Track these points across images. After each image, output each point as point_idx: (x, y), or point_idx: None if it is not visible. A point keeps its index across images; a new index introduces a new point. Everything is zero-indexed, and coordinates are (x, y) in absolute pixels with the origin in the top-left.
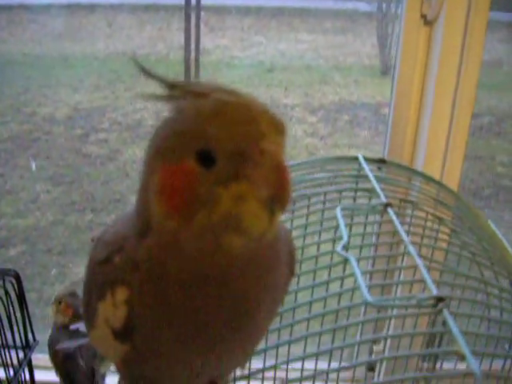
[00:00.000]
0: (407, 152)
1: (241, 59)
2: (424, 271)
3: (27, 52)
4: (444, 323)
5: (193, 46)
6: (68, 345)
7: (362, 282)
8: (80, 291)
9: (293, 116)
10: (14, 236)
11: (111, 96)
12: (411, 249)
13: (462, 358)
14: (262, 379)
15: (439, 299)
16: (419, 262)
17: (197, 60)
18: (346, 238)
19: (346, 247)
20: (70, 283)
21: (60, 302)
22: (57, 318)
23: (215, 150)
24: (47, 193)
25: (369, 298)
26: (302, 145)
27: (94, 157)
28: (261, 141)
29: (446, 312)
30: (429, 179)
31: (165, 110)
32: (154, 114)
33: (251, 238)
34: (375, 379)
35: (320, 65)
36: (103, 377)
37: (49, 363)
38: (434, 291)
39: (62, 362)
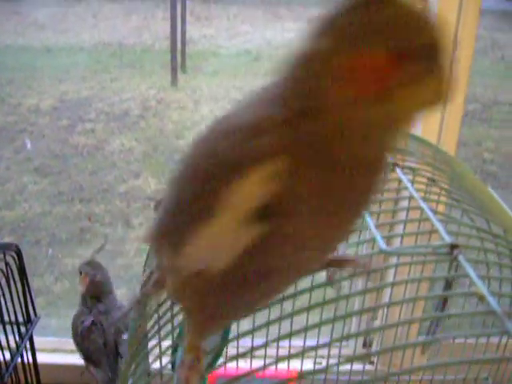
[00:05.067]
0: None
1: (227, 48)
2: (436, 222)
3: (10, 43)
4: (457, 269)
5: (179, 35)
6: (85, 320)
7: (376, 232)
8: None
9: None
10: (1, 228)
11: (97, 86)
12: (422, 203)
13: (482, 298)
14: (265, 353)
15: (454, 246)
16: (430, 214)
17: (183, 50)
18: None
19: None
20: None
21: (80, 273)
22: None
23: None
24: (34, 184)
25: (384, 246)
26: None
27: (81, 147)
28: None
29: (461, 258)
30: (427, 144)
31: (150, 101)
32: (140, 104)
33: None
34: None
35: None
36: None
37: (48, 345)
38: (448, 239)
39: (80, 338)
